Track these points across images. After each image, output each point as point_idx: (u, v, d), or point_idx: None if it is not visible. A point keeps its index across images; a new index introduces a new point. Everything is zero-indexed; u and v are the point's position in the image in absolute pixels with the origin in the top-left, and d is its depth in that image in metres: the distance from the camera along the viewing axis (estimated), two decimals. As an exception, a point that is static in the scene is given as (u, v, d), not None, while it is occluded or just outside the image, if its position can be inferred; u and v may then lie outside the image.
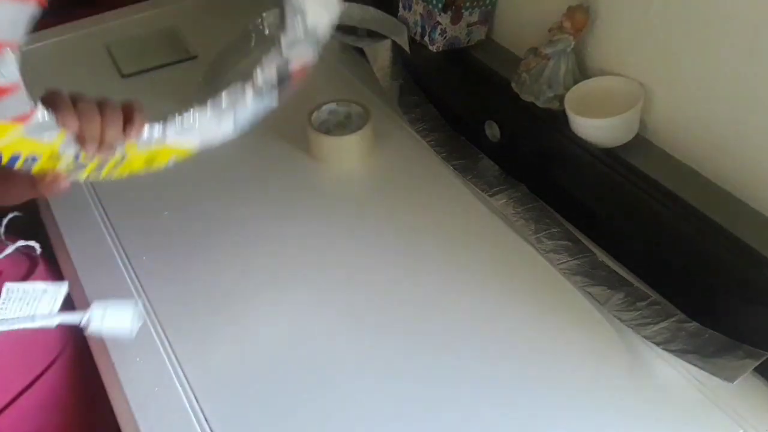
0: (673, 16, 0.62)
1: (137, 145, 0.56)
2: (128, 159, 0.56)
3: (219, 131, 0.61)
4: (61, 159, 0.52)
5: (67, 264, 0.75)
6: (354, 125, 0.87)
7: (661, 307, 0.65)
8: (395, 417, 0.59)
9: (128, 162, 0.57)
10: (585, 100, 0.70)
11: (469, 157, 0.85)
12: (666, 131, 0.68)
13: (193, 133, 0.59)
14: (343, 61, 1.05)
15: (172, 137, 0.58)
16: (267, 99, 0.61)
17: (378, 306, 0.68)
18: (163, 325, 0.67)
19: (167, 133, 0.57)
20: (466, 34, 0.85)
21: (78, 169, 0.54)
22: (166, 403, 0.60)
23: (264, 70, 0.59)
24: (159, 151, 0.58)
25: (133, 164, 0.58)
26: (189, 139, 0.59)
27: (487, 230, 0.76)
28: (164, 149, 0.58)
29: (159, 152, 0.58)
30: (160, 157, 0.59)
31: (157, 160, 0.59)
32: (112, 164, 0.56)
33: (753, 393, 0.60)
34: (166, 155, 0.59)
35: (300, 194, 0.82)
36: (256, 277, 0.72)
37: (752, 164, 0.61)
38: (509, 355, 0.64)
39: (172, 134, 0.58)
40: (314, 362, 0.63)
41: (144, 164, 0.59)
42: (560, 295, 0.69)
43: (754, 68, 0.57)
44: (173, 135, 0.58)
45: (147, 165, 0.59)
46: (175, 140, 0.58)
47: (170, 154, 0.59)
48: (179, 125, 0.58)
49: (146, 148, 0.57)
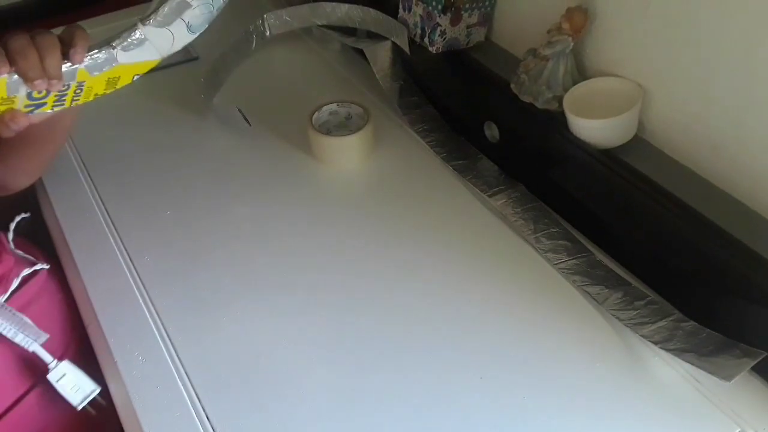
0: (672, 17, 0.63)
1: (88, 72, 0.54)
2: (87, 85, 0.55)
3: (173, 39, 0.58)
4: (15, 100, 0.51)
5: (69, 263, 0.76)
6: (354, 126, 0.87)
7: (659, 306, 0.65)
8: (395, 416, 0.59)
9: (88, 88, 0.56)
10: (584, 101, 0.70)
11: (468, 157, 0.85)
12: (664, 132, 0.69)
13: (145, 47, 0.57)
14: (344, 63, 1.05)
15: (123, 57, 0.56)
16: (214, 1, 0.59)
17: (377, 305, 0.69)
18: (165, 324, 0.67)
19: (116, 54, 0.55)
20: (465, 35, 0.86)
21: (38, 105, 0.53)
22: (168, 402, 0.61)
23: None
24: (117, 70, 0.57)
25: (94, 88, 0.56)
26: (143, 54, 0.58)
27: (486, 230, 0.77)
28: (122, 68, 0.57)
29: (118, 71, 0.57)
30: (122, 77, 0.58)
31: (121, 80, 0.58)
32: (71, 93, 0.55)
33: (750, 392, 0.60)
34: (127, 73, 0.58)
35: (300, 194, 0.83)
36: (257, 276, 0.72)
37: (750, 164, 0.61)
38: (508, 354, 0.64)
39: (122, 54, 0.56)
40: (315, 361, 0.64)
41: (106, 86, 0.57)
42: (559, 294, 0.69)
43: (752, 69, 0.58)
44: (123, 54, 0.56)
45: (110, 86, 0.58)
46: (128, 59, 0.56)
47: (131, 71, 0.58)
48: (126, 43, 0.56)
49: (100, 72, 0.55)
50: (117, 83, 0.58)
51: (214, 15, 0.60)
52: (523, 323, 0.66)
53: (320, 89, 1.00)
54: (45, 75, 0.51)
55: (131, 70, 0.58)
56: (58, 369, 0.68)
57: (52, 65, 0.51)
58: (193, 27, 0.59)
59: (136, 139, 0.91)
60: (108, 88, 0.58)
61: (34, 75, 0.51)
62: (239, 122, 0.88)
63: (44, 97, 0.53)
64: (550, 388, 0.61)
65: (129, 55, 0.56)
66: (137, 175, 0.86)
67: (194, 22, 0.59)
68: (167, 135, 0.92)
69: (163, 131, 0.92)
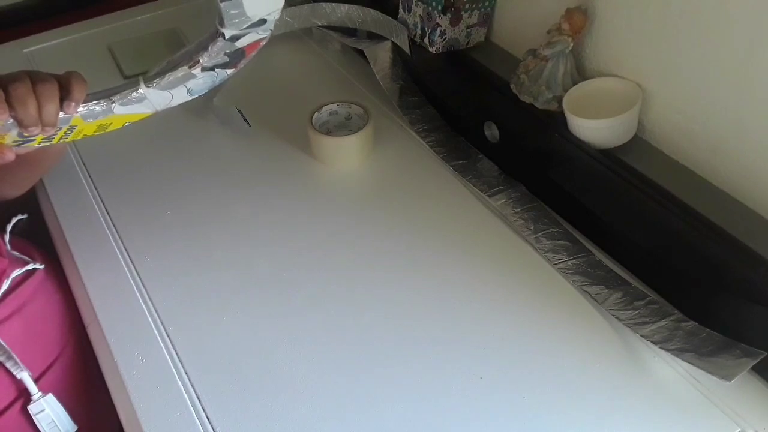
0: (671, 17, 0.63)
1: (83, 119, 0.55)
2: (78, 128, 0.56)
3: (171, 99, 0.59)
4: (5, 137, 0.52)
5: (69, 263, 0.76)
6: (354, 126, 0.87)
7: (659, 306, 0.65)
8: (395, 416, 0.59)
9: (78, 130, 0.56)
10: (583, 102, 0.70)
11: (468, 157, 0.85)
12: (663, 132, 0.69)
13: (143, 103, 0.58)
14: (344, 63, 1.05)
15: (119, 110, 0.56)
16: (220, 72, 0.60)
17: (377, 305, 0.69)
18: (164, 324, 0.67)
19: (113, 107, 0.56)
20: (465, 35, 0.86)
21: (26, 141, 0.54)
22: (168, 401, 0.61)
23: (210, 54, 0.57)
24: (110, 119, 0.57)
25: (84, 131, 0.57)
26: (140, 108, 0.58)
27: (486, 230, 0.77)
28: (116, 117, 0.57)
29: (111, 120, 0.57)
30: (114, 123, 0.58)
31: (112, 126, 0.58)
32: (61, 134, 0.56)
33: (750, 392, 0.60)
34: (120, 121, 0.58)
35: (300, 194, 0.83)
36: (257, 276, 0.72)
37: (749, 165, 0.61)
38: (508, 353, 0.64)
39: (119, 107, 0.56)
40: (316, 360, 0.64)
41: (96, 130, 0.58)
42: (558, 294, 0.69)
43: (752, 70, 0.58)
44: (120, 107, 0.56)
45: (100, 130, 0.58)
46: (124, 111, 0.57)
47: (124, 120, 0.59)
48: (125, 99, 0.56)
49: (94, 120, 0.56)
50: (107, 128, 0.58)
51: (216, 84, 0.61)
52: (523, 323, 0.67)
53: (320, 89, 1.00)
54: (41, 123, 0.51)
55: (124, 119, 0.58)
56: (40, 402, 0.67)
57: (49, 114, 0.51)
58: (192, 91, 0.60)
59: (136, 139, 0.91)
60: (98, 131, 0.59)
61: (30, 123, 0.51)
62: (239, 122, 0.88)
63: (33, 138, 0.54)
64: (550, 388, 0.61)
65: (125, 109, 0.57)
66: (137, 175, 0.86)
67: (195, 89, 0.60)
68: (167, 135, 0.92)
69: (163, 131, 0.92)
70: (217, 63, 0.58)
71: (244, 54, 0.59)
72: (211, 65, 0.58)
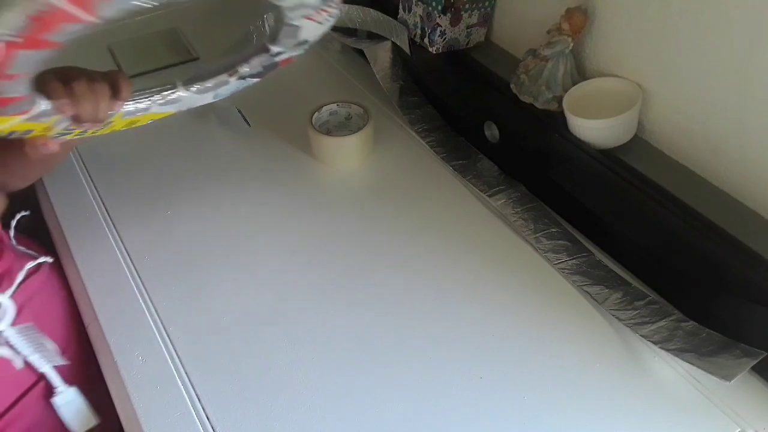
0: (671, 18, 0.63)
1: (121, 116, 0.58)
2: (112, 124, 0.59)
3: (199, 102, 0.63)
4: (53, 129, 0.54)
5: (69, 263, 0.76)
6: (354, 126, 0.87)
7: (659, 306, 0.65)
8: (396, 416, 0.59)
9: (111, 125, 0.59)
10: (583, 102, 0.70)
11: (468, 157, 0.85)
12: (663, 132, 0.69)
13: (174, 105, 0.62)
14: (344, 63, 1.05)
15: (155, 109, 0.60)
16: (249, 81, 0.64)
17: (377, 305, 0.69)
18: (165, 324, 0.67)
19: (150, 107, 0.60)
20: (465, 35, 0.86)
21: (66, 133, 0.56)
22: (168, 401, 0.61)
23: (251, 66, 0.62)
24: (142, 116, 0.61)
25: (115, 125, 0.60)
26: (169, 108, 0.62)
27: (486, 230, 0.77)
28: (146, 115, 0.61)
29: (141, 117, 0.61)
30: (141, 120, 0.62)
31: (139, 122, 0.62)
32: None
33: (750, 391, 0.60)
34: (147, 119, 0.62)
35: (300, 194, 0.83)
36: (257, 276, 0.72)
37: (749, 165, 0.61)
38: (508, 353, 0.64)
39: (156, 107, 0.60)
40: (315, 360, 0.64)
41: (125, 125, 0.61)
42: (559, 294, 0.69)
43: (752, 70, 0.58)
44: (157, 107, 0.60)
45: (128, 126, 0.61)
46: (158, 110, 0.61)
47: (151, 117, 0.62)
48: (164, 99, 0.60)
49: (131, 117, 0.59)
50: (135, 124, 0.62)
51: (239, 91, 0.66)
52: (523, 323, 0.67)
53: (320, 89, 1.00)
54: (95, 120, 0.54)
55: (152, 116, 0.62)
56: (65, 394, 0.68)
57: (103, 111, 0.54)
58: (218, 96, 0.65)
59: (136, 138, 0.91)
60: (126, 126, 0.62)
61: (86, 119, 0.54)
62: (239, 122, 0.88)
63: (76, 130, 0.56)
64: (550, 388, 0.61)
65: (160, 109, 0.61)
66: (137, 174, 0.86)
67: (222, 93, 0.65)
68: (167, 135, 0.92)
69: (163, 131, 0.92)
70: (251, 73, 0.63)
71: (277, 67, 0.63)
72: (246, 75, 0.63)
